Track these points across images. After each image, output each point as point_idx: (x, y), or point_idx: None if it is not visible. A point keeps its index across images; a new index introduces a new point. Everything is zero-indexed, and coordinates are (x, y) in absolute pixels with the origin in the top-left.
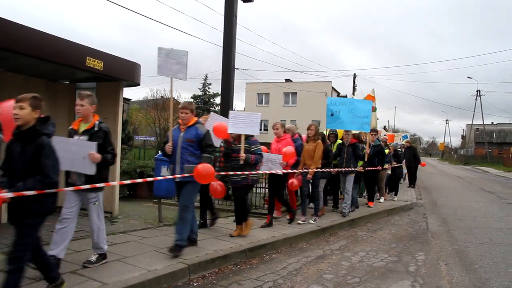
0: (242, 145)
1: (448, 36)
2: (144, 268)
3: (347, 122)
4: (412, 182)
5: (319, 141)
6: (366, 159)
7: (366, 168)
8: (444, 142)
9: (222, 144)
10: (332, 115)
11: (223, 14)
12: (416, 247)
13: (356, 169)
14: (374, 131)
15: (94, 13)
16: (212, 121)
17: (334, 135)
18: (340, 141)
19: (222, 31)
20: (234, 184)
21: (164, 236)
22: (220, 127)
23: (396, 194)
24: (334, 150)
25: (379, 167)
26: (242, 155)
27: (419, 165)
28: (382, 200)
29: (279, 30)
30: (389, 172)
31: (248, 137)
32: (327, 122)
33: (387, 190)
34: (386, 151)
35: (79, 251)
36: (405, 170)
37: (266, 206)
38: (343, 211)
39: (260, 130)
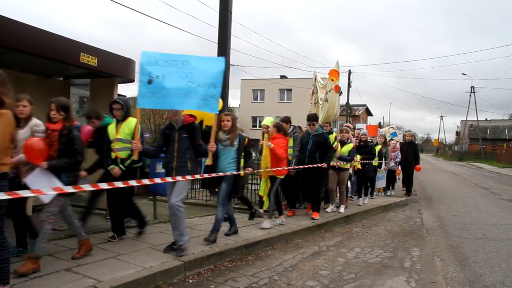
0: None
1: (440, 33)
2: (139, 265)
3: (177, 95)
4: (408, 188)
5: (5, 110)
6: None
7: (301, 167)
8: (438, 138)
9: None
10: (150, 82)
11: (213, 8)
12: (411, 243)
13: (238, 172)
14: (326, 122)
15: (78, 8)
16: None
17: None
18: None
19: (213, 26)
20: None
21: (160, 233)
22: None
23: (369, 194)
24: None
25: (325, 164)
26: None
27: (414, 169)
28: (342, 209)
29: (265, 25)
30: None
31: None
32: (139, 95)
33: (350, 194)
34: (351, 145)
35: (73, 248)
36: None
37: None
38: (179, 244)
39: (255, 126)
